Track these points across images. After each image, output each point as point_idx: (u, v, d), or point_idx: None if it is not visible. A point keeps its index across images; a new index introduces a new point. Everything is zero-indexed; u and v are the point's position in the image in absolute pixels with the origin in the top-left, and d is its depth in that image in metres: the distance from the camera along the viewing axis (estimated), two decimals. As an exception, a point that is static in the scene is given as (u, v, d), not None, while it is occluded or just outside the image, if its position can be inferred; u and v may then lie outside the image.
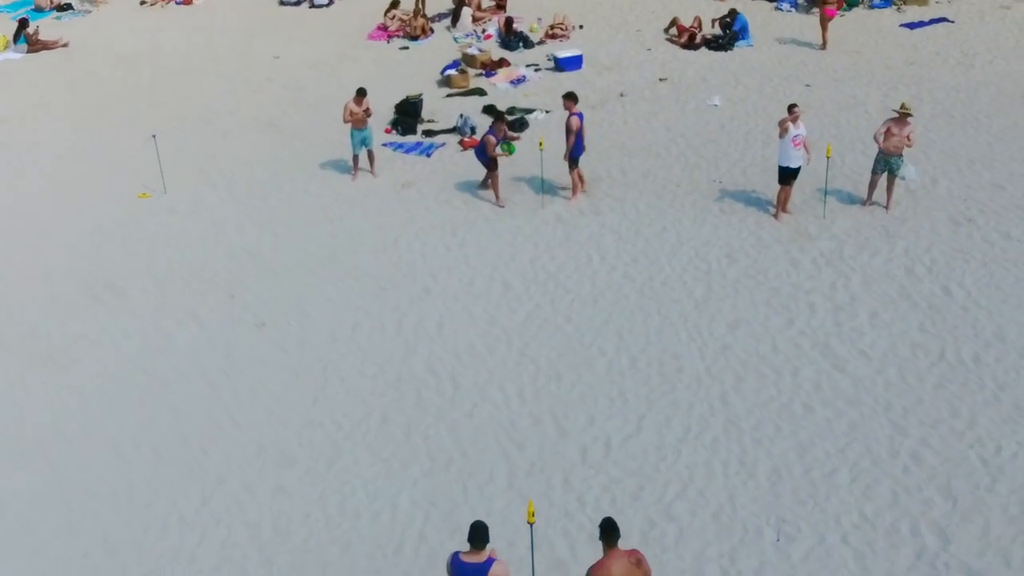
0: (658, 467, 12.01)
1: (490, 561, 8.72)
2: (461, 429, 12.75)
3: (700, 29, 25.64)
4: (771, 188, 17.54)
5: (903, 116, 16.75)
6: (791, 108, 16.67)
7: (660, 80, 23.16)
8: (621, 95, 22.29)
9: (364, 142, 18.89)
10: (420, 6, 27.20)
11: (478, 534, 8.71)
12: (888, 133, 16.77)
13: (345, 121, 18.61)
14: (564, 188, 18.19)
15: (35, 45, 26.66)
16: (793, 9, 27.29)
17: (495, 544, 10.12)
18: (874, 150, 17.18)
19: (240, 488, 11.97)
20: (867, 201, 17.39)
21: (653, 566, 9.78)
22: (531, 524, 9.62)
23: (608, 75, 23.66)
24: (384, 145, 20.38)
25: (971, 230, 16.58)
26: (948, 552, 10.68)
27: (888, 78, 22.55)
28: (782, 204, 17.14)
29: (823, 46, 24.42)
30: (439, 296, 15.51)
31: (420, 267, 16.28)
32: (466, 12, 27.08)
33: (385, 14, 27.15)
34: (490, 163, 17.80)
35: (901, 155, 16.86)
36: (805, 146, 16.74)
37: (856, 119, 20.61)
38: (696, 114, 21.10)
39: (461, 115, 20.84)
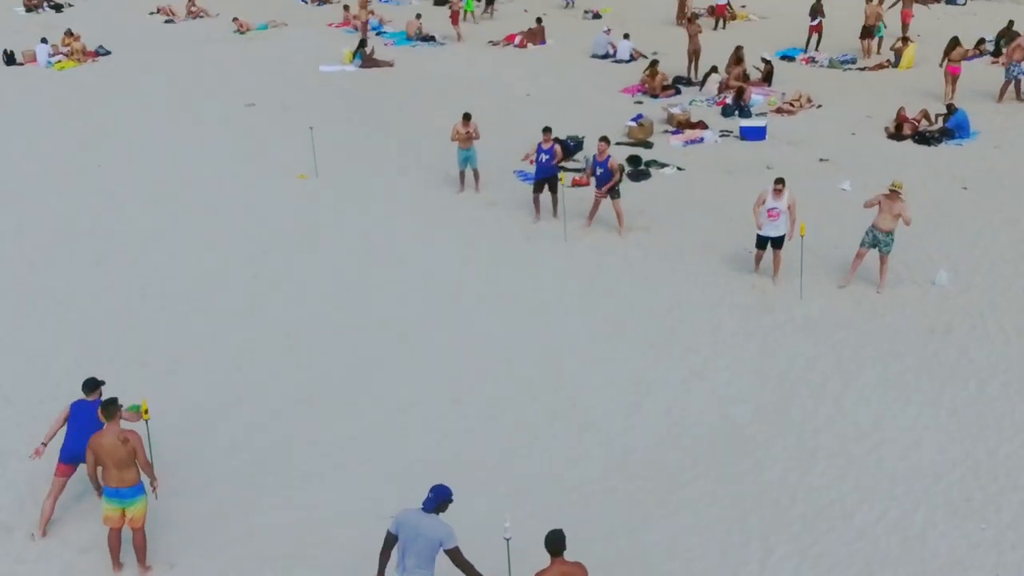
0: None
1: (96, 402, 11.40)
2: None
3: (929, 121, 24.39)
4: (795, 265, 17.12)
5: (893, 193, 16.21)
6: (776, 183, 16.69)
7: (820, 160, 22.67)
8: (768, 167, 22.22)
9: (468, 160, 21.25)
10: (657, 70, 28.50)
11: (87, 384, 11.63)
12: (880, 207, 16.36)
13: (452, 140, 21.16)
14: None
15: (368, 62, 32.06)
16: (1062, 121, 24.78)
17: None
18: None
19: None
20: (849, 276, 16.94)
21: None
22: (146, 421, 11.77)
23: (783, 148, 23.60)
24: (514, 172, 22.54)
25: (935, 340, 15.22)
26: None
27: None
28: (756, 261, 17.38)
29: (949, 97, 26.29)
30: (411, 275, 17.88)
31: (424, 262, 18.38)
32: (713, 79, 28.02)
33: (644, 72, 28.93)
34: (538, 184, 19.77)
35: (891, 233, 16.34)
36: (792, 219, 16.70)
37: (980, 236, 18.77)
38: (815, 193, 20.52)
39: (586, 157, 22.31)
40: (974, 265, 17.47)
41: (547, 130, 19.80)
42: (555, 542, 8.90)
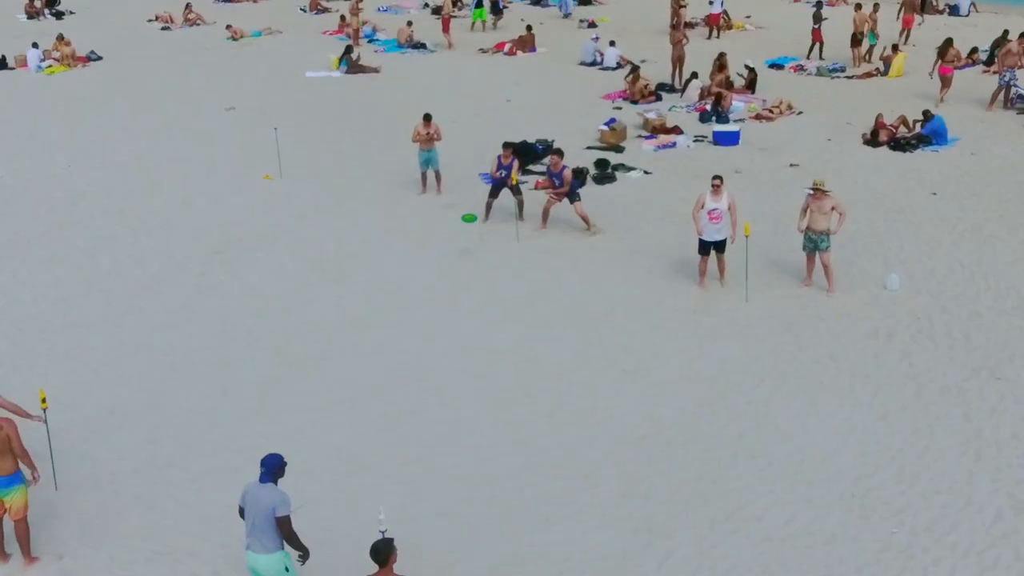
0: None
1: None
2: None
3: (907, 128, 23.99)
4: (752, 266, 16.67)
5: (817, 191, 15.89)
6: (713, 179, 16.34)
7: (791, 166, 22.30)
8: (736, 172, 21.85)
9: (429, 162, 21.07)
10: (639, 76, 28.23)
11: None
12: (810, 210, 16.04)
13: (413, 141, 20.98)
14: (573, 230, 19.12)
15: (353, 68, 31.98)
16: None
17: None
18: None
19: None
20: (806, 281, 16.66)
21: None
22: (44, 410, 11.61)
23: (754, 154, 23.24)
24: (480, 175, 22.27)
25: (877, 344, 14.82)
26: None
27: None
28: (702, 273, 16.75)
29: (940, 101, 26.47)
30: (356, 275, 17.66)
31: (372, 263, 18.17)
32: (694, 85, 27.74)
33: (625, 79, 28.68)
34: (494, 190, 19.56)
35: (825, 232, 15.96)
36: (732, 220, 16.30)
37: (941, 242, 18.28)
38: (772, 198, 20.15)
39: (546, 165, 22.00)
40: (930, 270, 17.06)
41: (507, 145, 19.56)
42: (377, 552, 8.50)
